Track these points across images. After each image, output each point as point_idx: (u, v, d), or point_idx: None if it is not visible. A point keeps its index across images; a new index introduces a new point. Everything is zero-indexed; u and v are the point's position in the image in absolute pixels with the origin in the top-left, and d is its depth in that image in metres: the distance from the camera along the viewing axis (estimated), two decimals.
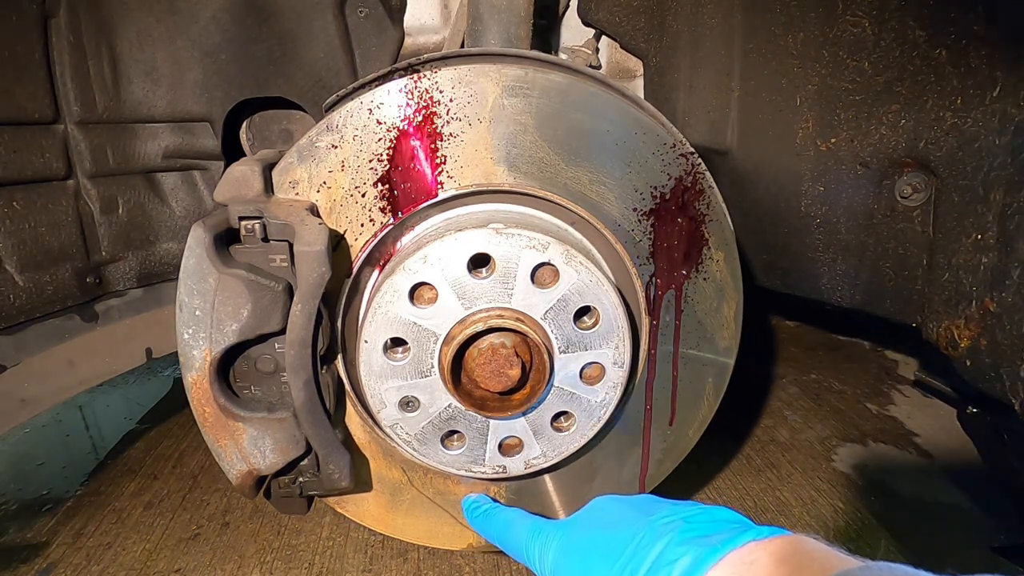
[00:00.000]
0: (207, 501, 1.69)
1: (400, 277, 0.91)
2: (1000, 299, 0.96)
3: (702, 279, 1.07)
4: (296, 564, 1.46)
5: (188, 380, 0.92)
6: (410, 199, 0.98)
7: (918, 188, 1.14)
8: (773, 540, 0.62)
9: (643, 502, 0.79)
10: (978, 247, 1.01)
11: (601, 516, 0.81)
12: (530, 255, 0.91)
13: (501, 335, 0.94)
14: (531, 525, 0.89)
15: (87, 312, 1.39)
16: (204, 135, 1.46)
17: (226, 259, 0.87)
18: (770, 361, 2.45)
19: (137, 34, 1.36)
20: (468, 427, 1.01)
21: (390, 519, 1.18)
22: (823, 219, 1.29)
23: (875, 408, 2.11)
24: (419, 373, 0.96)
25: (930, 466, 1.78)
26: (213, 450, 0.96)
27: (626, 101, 1.03)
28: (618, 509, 0.79)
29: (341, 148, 0.95)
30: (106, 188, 1.39)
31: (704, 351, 1.12)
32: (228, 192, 0.92)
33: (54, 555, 1.51)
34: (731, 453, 1.84)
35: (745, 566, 0.59)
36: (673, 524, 0.69)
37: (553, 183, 1.00)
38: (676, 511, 0.73)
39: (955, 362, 1.07)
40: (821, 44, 1.21)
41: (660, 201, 1.02)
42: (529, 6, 1.35)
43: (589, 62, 1.66)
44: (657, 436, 1.16)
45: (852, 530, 1.52)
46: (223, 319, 0.88)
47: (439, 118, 0.96)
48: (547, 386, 0.97)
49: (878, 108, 1.16)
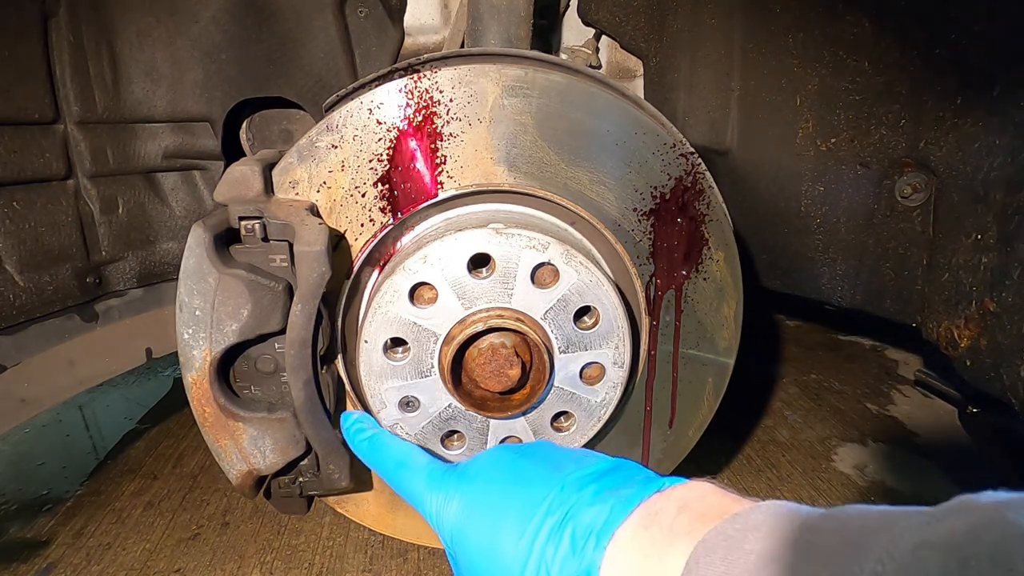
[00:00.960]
0: (207, 501, 1.69)
1: (400, 277, 0.91)
2: (1000, 299, 0.96)
3: (702, 279, 1.07)
4: (296, 564, 1.46)
5: (188, 380, 0.92)
6: (410, 199, 0.98)
7: (918, 188, 1.14)
8: (675, 488, 0.64)
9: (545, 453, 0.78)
10: (978, 247, 1.01)
11: (505, 471, 0.77)
12: (530, 255, 0.91)
13: (501, 335, 0.94)
14: (427, 472, 0.82)
15: (87, 312, 1.39)
16: (204, 135, 1.46)
17: (226, 259, 0.87)
18: (770, 361, 2.45)
19: (137, 34, 1.36)
20: (468, 427, 1.01)
21: (390, 519, 1.18)
22: (823, 219, 1.29)
23: (875, 408, 2.11)
24: (419, 373, 0.96)
25: (930, 466, 1.78)
26: (213, 450, 0.96)
27: (626, 101, 1.03)
28: (523, 464, 0.76)
29: (341, 148, 0.95)
30: (106, 188, 1.39)
31: (704, 351, 1.12)
32: (228, 192, 0.92)
33: (54, 555, 1.51)
34: (731, 453, 1.84)
35: (651, 516, 0.61)
36: (583, 480, 0.69)
37: (553, 183, 1.00)
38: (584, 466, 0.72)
39: (955, 362, 1.07)
40: (821, 44, 1.21)
41: (660, 201, 1.02)
42: (529, 6, 1.35)
43: (589, 62, 1.66)
44: (657, 436, 1.16)
45: None
46: (223, 319, 0.88)
47: (439, 118, 0.96)
48: (547, 386, 0.97)
49: (878, 108, 1.16)
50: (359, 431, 0.95)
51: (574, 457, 0.75)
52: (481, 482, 0.77)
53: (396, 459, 0.87)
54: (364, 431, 0.94)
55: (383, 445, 0.91)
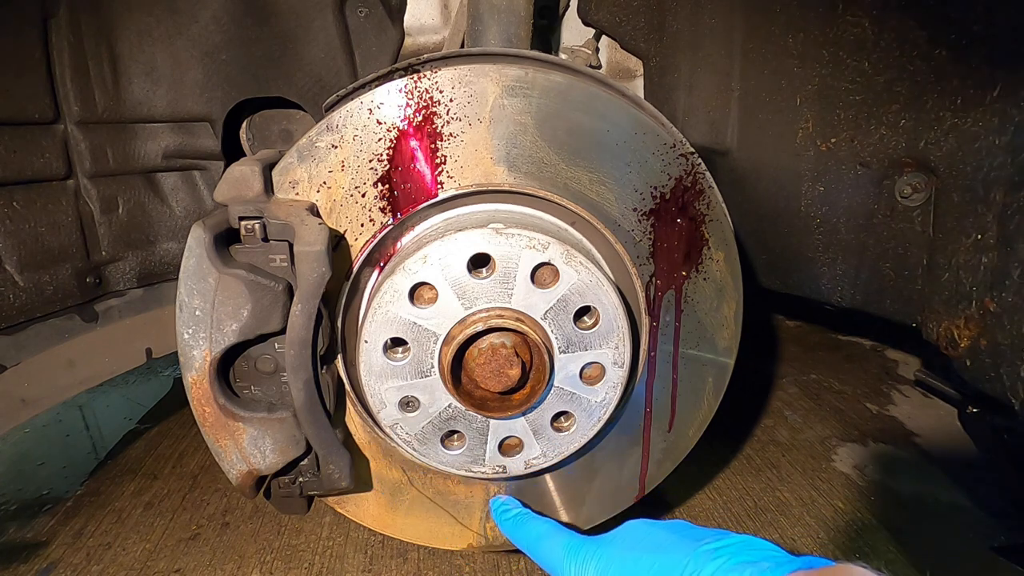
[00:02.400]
0: (207, 501, 1.69)
1: (400, 277, 0.91)
2: (1000, 299, 0.96)
3: (702, 279, 1.07)
4: (296, 564, 1.46)
5: (188, 380, 0.92)
6: (410, 199, 0.98)
7: (918, 188, 1.14)
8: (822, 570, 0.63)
9: (683, 528, 0.81)
10: (978, 247, 1.01)
11: (641, 539, 0.81)
12: (530, 255, 0.91)
13: (501, 335, 0.94)
14: (567, 542, 0.88)
15: (87, 312, 1.39)
16: (204, 135, 1.46)
17: (226, 259, 0.88)
18: (770, 361, 2.45)
19: (137, 34, 1.36)
20: (468, 427, 1.01)
21: (390, 519, 1.18)
22: (823, 219, 1.29)
23: (875, 408, 2.11)
24: (419, 373, 0.96)
25: (930, 466, 1.78)
26: (213, 450, 0.96)
27: (626, 101, 1.03)
28: (658, 533, 0.80)
29: (341, 148, 0.95)
30: (106, 188, 1.39)
31: (704, 351, 1.12)
32: (228, 192, 0.92)
33: (54, 555, 1.51)
34: (731, 453, 1.84)
35: None
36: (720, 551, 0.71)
37: (553, 183, 1.00)
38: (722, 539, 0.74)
39: (955, 362, 1.07)
40: (821, 44, 1.21)
41: (660, 201, 1.02)
42: (529, 6, 1.35)
43: (589, 62, 1.66)
44: (657, 436, 1.16)
45: (852, 530, 1.52)
46: (223, 319, 0.88)
47: (439, 118, 0.96)
48: (547, 386, 0.97)
49: (878, 108, 1.16)
50: (505, 511, 1.05)
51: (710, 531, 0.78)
52: (618, 548, 0.81)
53: (538, 532, 0.95)
54: (510, 511, 1.05)
55: (526, 520, 1.00)
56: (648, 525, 0.84)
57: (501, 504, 1.08)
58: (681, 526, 0.82)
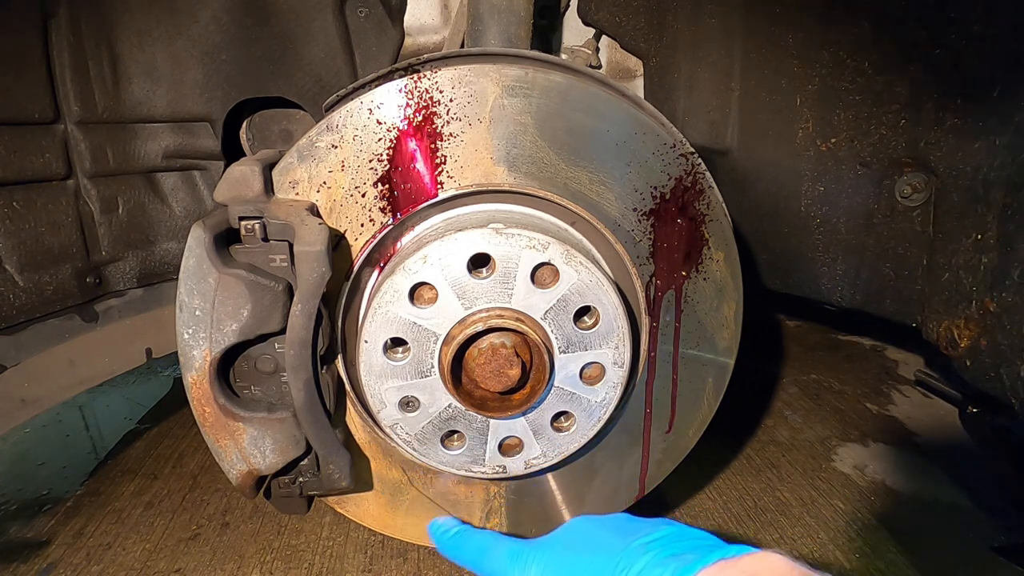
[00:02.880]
0: (207, 501, 1.69)
1: (400, 277, 0.92)
2: (1000, 299, 0.96)
3: (702, 279, 1.07)
4: (296, 564, 1.46)
5: (188, 380, 0.92)
6: (410, 199, 0.98)
7: (918, 188, 1.14)
8: (742, 558, 0.65)
9: (620, 523, 0.83)
10: (978, 247, 1.01)
11: (580, 539, 0.83)
12: (530, 255, 0.91)
13: (501, 335, 0.94)
14: (508, 550, 0.88)
15: (87, 312, 1.39)
16: (204, 135, 1.46)
17: (226, 259, 0.88)
18: (770, 361, 2.45)
19: (137, 34, 1.36)
20: (468, 427, 1.01)
21: (390, 519, 1.18)
22: (823, 219, 1.29)
23: (875, 408, 2.11)
24: (419, 373, 0.96)
25: (930, 466, 1.78)
26: (213, 450, 0.96)
27: (626, 101, 1.03)
28: (596, 532, 0.82)
29: (341, 148, 0.95)
30: (106, 188, 1.39)
31: (704, 351, 1.12)
32: (228, 192, 0.92)
33: (54, 555, 1.51)
34: (731, 453, 1.84)
35: None
36: (649, 546, 0.73)
37: (553, 183, 1.00)
38: (652, 532, 0.76)
39: (955, 362, 1.07)
40: (821, 44, 1.21)
41: (660, 201, 1.02)
42: (529, 6, 1.35)
43: (589, 62, 1.66)
44: (657, 436, 1.16)
45: (852, 530, 1.52)
46: (223, 319, 0.88)
47: (439, 118, 0.96)
48: (547, 386, 0.97)
49: (878, 108, 1.16)
50: (444, 532, 1.02)
51: (645, 523, 0.80)
52: (558, 549, 0.83)
53: (480, 545, 0.94)
54: (449, 531, 1.02)
55: (467, 536, 0.99)
56: (587, 522, 0.86)
57: (439, 526, 1.04)
58: (619, 520, 0.84)
